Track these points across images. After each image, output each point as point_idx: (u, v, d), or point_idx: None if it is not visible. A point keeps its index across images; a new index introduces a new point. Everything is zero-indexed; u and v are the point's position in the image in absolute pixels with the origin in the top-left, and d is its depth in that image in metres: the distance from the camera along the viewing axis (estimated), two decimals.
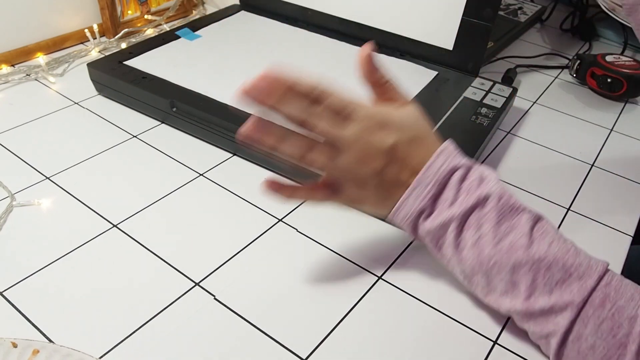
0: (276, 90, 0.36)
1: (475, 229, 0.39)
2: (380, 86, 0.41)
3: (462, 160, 0.41)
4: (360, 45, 0.42)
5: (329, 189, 0.42)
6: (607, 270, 0.37)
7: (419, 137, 0.40)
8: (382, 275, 0.45)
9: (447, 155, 0.40)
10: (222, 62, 0.66)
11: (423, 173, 0.40)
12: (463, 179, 0.40)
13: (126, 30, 0.77)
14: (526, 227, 0.38)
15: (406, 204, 0.40)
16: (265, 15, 0.79)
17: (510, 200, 0.39)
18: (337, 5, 0.73)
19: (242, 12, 0.80)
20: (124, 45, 0.76)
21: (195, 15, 0.88)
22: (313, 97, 0.37)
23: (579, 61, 0.77)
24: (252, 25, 0.76)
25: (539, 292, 0.37)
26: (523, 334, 0.40)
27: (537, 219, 0.39)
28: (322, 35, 0.74)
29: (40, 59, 0.71)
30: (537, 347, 0.40)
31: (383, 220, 0.50)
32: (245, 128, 0.38)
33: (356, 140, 0.38)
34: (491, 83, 0.65)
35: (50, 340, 0.38)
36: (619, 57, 0.75)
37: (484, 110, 0.60)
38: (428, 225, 0.40)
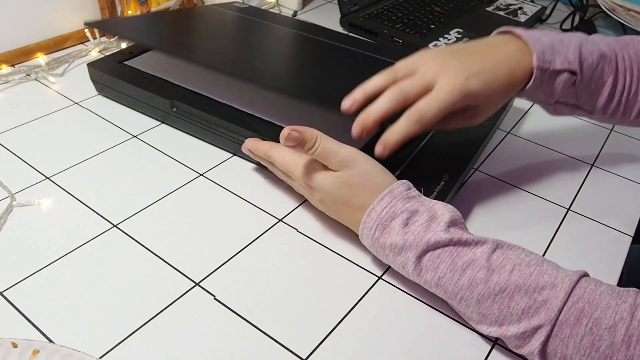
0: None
1: (433, 271, 0.39)
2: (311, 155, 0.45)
3: (405, 205, 0.42)
4: None
5: None
6: (578, 282, 0.36)
7: (340, 201, 0.44)
8: (382, 275, 0.45)
9: (390, 199, 0.42)
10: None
11: (362, 225, 0.43)
12: (405, 224, 0.41)
13: None
14: (483, 260, 0.38)
15: (363, 240, 0.44)
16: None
17: (463, 236, 0.39)
18: None
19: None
20: (124, 45, 0.76)
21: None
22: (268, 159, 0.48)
23: None
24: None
25: (508, 322, 0.37)
26: None
27: (494, 248, 0.39)
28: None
29: (40, 59, 0.71)
30: None
31: None
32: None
33: (297, 188, 0.49)
34: None
35: (50, 340, 0.38)
36: None
37: None
38: (392, 263, 0.43)
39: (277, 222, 0.49)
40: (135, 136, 0.59)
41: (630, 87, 0.49)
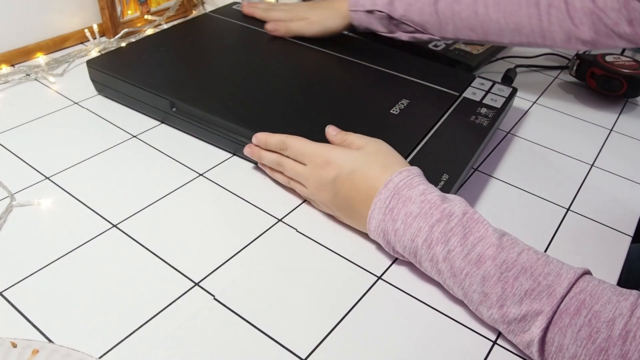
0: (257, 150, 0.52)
1: (444, 243, 0.40)
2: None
3: (421, 179, 0.44)
4: None
5: None
6: (582, 276, 0.37)
7: (359, 171, 0.45)
8: (382, 275, 0.45)
9: (407, 174, 0.44)
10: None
11: (377, 196, 0.44)
12: (422, 193, 0.42)
13: (126, 30, 0.77)
14: (493, 238, 0.39)
15: (371, 219, 0.44)
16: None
17: (474, 215, 0.41)
18: None
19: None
20: (123, 45, 0.76)
21: (195, 15, 0.88)
22: (281, 150, 0.50)
23: (578, 61, 0.77)
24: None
25: (509, 302, 0.37)
26: None
27: (504, 233, 0.40)
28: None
29: (40, 59, 0.71)
30: None
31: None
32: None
33: (308, 177, 0.48)
34: (491, 83, 0.65)
35: (49, 340, 0.38)
36: (619, 57, 0.75)
37: (483, 110, 0.60)
38: (400, 240, 0.42)
39: (277, 222, 0.49)
40: (135, 136, 0.59)
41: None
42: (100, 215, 0.48)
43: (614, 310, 0.34)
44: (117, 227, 0.47)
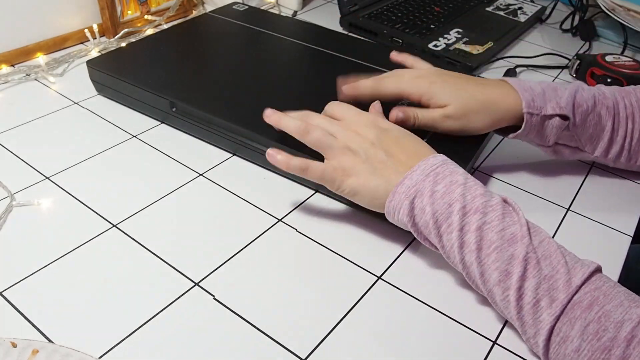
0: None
1: (482, 213, 0.40)
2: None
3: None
4: None
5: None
6: (596, 272, 0.37)
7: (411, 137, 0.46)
8: (382, 275, 0.45)
9: (445, 158, 0.45)
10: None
11: (423, 160, 0.44)
12: (466, 175, 0.43)
13: (126, 30, 0.77)
14: (526, 224, 0.40)
15: (406, 179, 0.43)
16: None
17: (513, 203, 0.42)
18: None
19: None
20: (123, 45, 0.76)
21: (195, 15, 0.88)
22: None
23: (578, 61, 0.77)
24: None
25: (528, 283, 0.37)
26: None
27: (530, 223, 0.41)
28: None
29: (40, 59, 0.71)
30: None
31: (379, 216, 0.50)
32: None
33: (344, 130, 0.46)
34: None
35: (49, 340, 0.38)
36: (619, 57, 0.75)
37: None
38: (434, 202, 0.41)
39: (277, 222, 0.49)
40: (135, 136, 0.59)
41: (632, 134, 0.53)
42: (100, 215, 0.48)
43: (624, 314, 0.35)
44: (117, 227, 0.47)
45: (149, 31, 0.81)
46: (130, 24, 0.80)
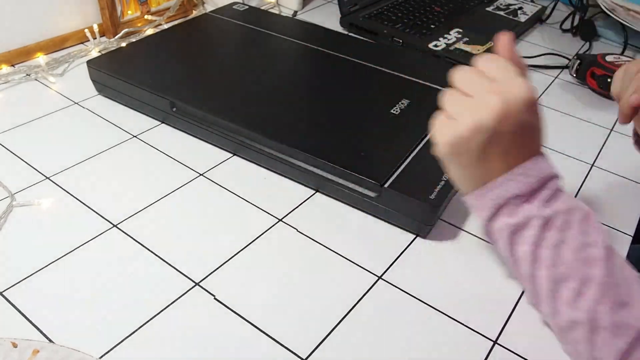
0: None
1: (560, 230, 0.38)
2: None
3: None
4: None
5: None
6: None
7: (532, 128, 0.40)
8: (382, 275, 0.45)
9: (550, 162, 0.41)
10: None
11: (529, 166, 0.40)
12: (560, 189, 0.41)
13: (126, 30, 0.77)
14: (602, 244, 0.38)
15: (505, 184, 0.39)
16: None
17: (595, 219, 0.39)
18: None
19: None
20: (124, 45, 0.76)
21: (196, 15, 0.88)
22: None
23: (579, 61, 0.77)
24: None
25: (603, 308, 0.36)
26: (523, 334, 0.40)
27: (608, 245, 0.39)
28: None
29: (40, 59, 0.71)
30: (537, 347, 0.40)
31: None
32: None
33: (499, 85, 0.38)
34: None
35: (50, 340, 0.38)
36: (619, 57, 0.75)
37: None
38: (514, 215, 0.39)
39: (277, 222, 0.49)
40: (135, 136, 0.59)
41: None
42: (100, 215, 0.48)
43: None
44: (117, 227, 0.47)
45: (149, 31, 0.81)
46: (131, 24, 0.80)
